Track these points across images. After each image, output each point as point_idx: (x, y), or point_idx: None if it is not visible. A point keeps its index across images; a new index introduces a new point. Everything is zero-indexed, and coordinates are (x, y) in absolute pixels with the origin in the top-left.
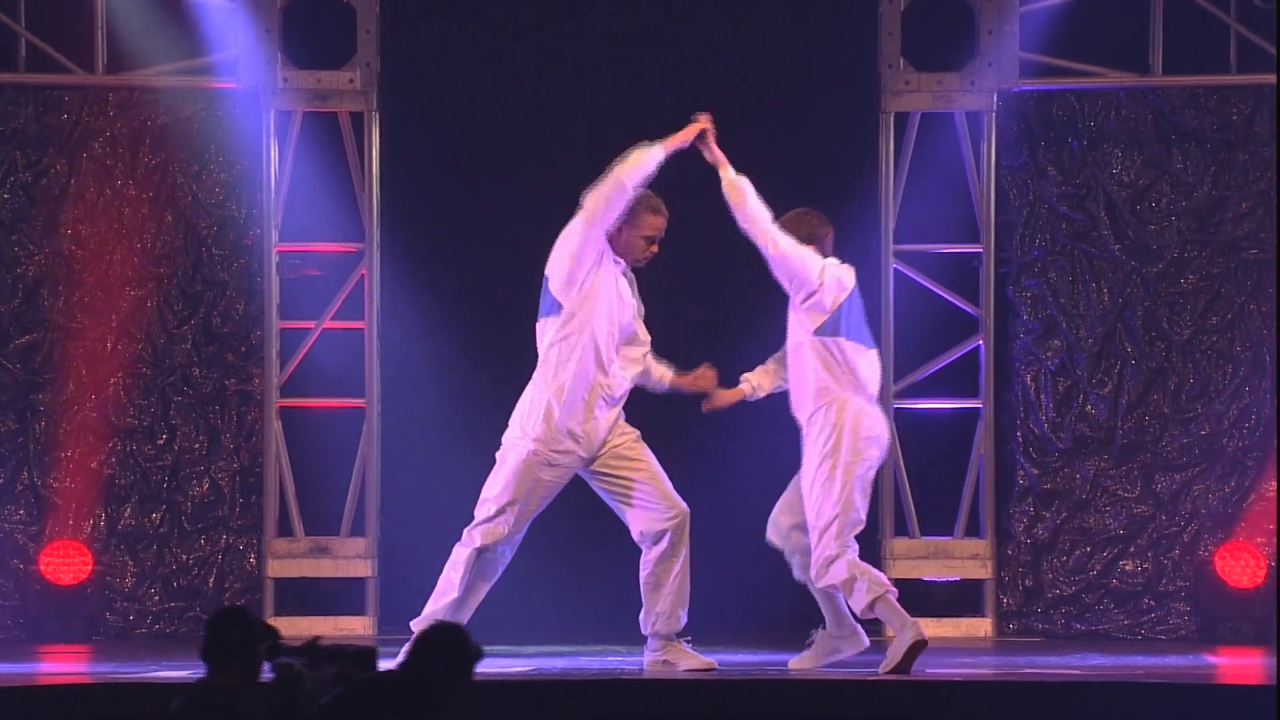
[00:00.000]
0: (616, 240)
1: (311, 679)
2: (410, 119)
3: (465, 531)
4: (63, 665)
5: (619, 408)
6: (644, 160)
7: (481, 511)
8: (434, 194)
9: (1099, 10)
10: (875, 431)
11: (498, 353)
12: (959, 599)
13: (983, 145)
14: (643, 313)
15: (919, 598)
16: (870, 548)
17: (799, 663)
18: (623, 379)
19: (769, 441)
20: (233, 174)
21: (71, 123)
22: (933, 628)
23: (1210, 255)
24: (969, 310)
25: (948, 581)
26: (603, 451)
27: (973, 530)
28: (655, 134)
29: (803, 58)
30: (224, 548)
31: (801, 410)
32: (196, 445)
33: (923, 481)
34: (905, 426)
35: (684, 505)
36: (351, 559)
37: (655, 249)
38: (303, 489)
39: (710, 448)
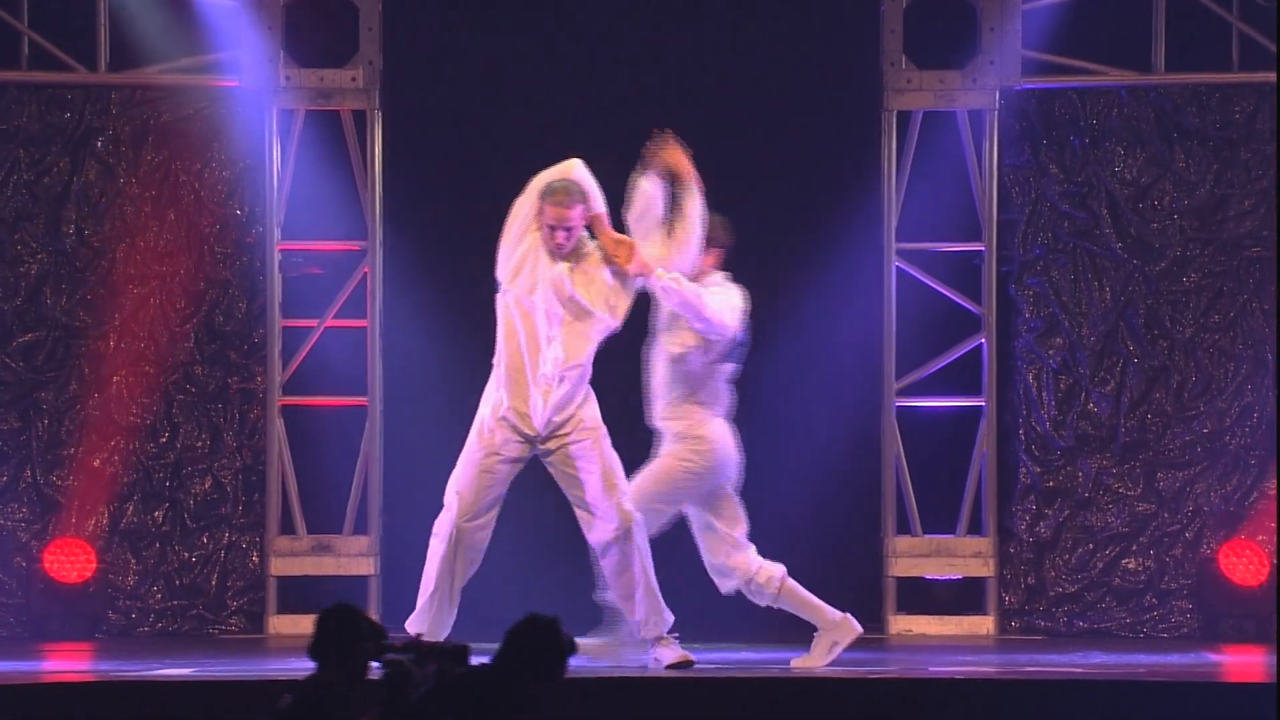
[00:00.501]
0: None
1: (419, 676)
2: (412, 117)
3: (435, 523)
4: (66, 663)
5: (565, 388)
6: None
7: (445, 499)
8: (436, 192)
9: (1101, 8)
10: None
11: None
12: (961, 597)
13: (985, 143)
14: (613, 287)
15: (921, 596)
16: (873, 545)
17: (802, 662)
18: (561, 357)
19: (768, 437)
20: (235, 172)
21: (74, 121)
22: (935, 626)
23: (1212, 253)
24: (971, 308)
25: (950, 580)
26: (551, 441)
27: (975, 528)
28: (662, 127)
29: (805, 56)
30: (226, 546)
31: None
32: (199, 443)
33: (925, 479)
34: (907, 425)
35: (629, 513)
36: (354, 557)
37: (561, 237)
38: (305, 487)
39: None
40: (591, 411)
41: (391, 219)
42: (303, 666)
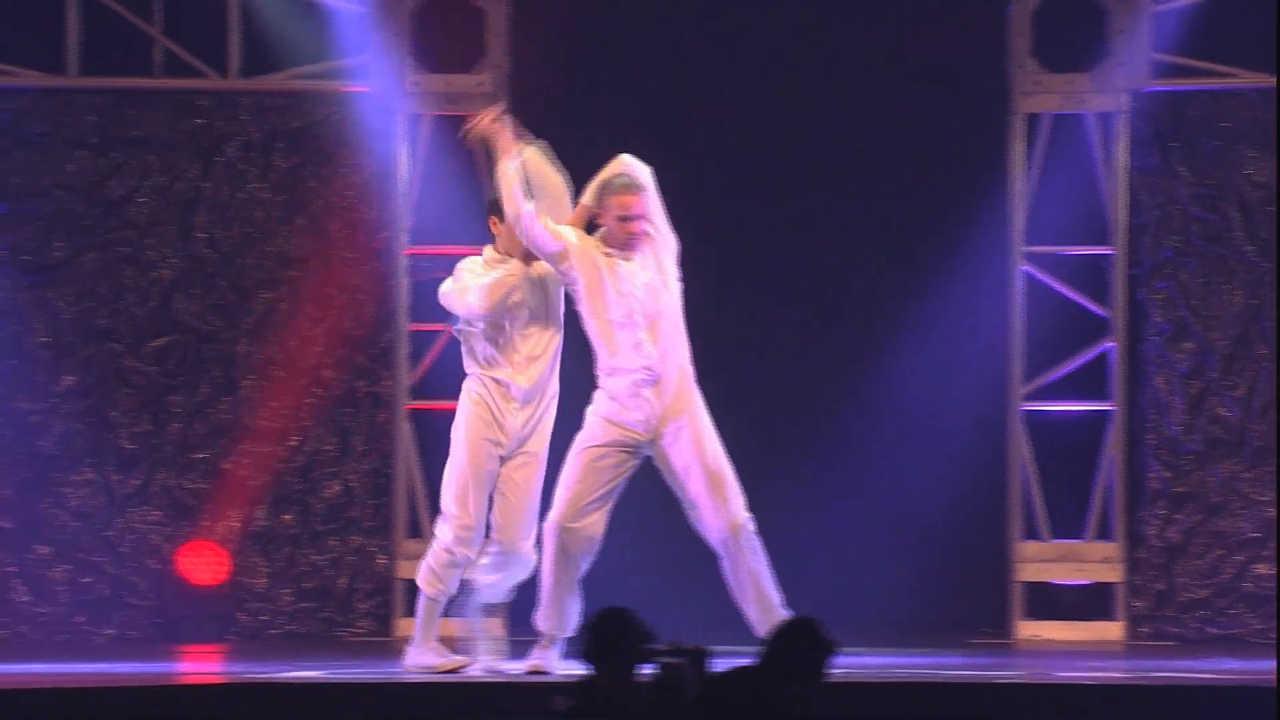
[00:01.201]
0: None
1: (691, 679)
2: (539, 121)
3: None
4: (198, 665)
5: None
6: (509, 183)
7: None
8: None
9: (1230, 11)
10: None
11: None
12: (1089, 602)
13: (1114, 146)
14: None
15: (1049, 601)
16: (1000, 550)
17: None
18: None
19: (896, 441)
20: (364, 177)
21: (205, 127)
22: (1063, 631)
23: None
24: (1099, 312)
25: (1078, 585)
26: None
27: (1103, 533)
28: (785, 137)
29: (932, 59)
30: (355, 549)
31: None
32: (328, 447)
33: (1053, 484)
34: (1035, 429)
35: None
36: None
37: (635, 226)
38: (432, 490)
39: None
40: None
41: None
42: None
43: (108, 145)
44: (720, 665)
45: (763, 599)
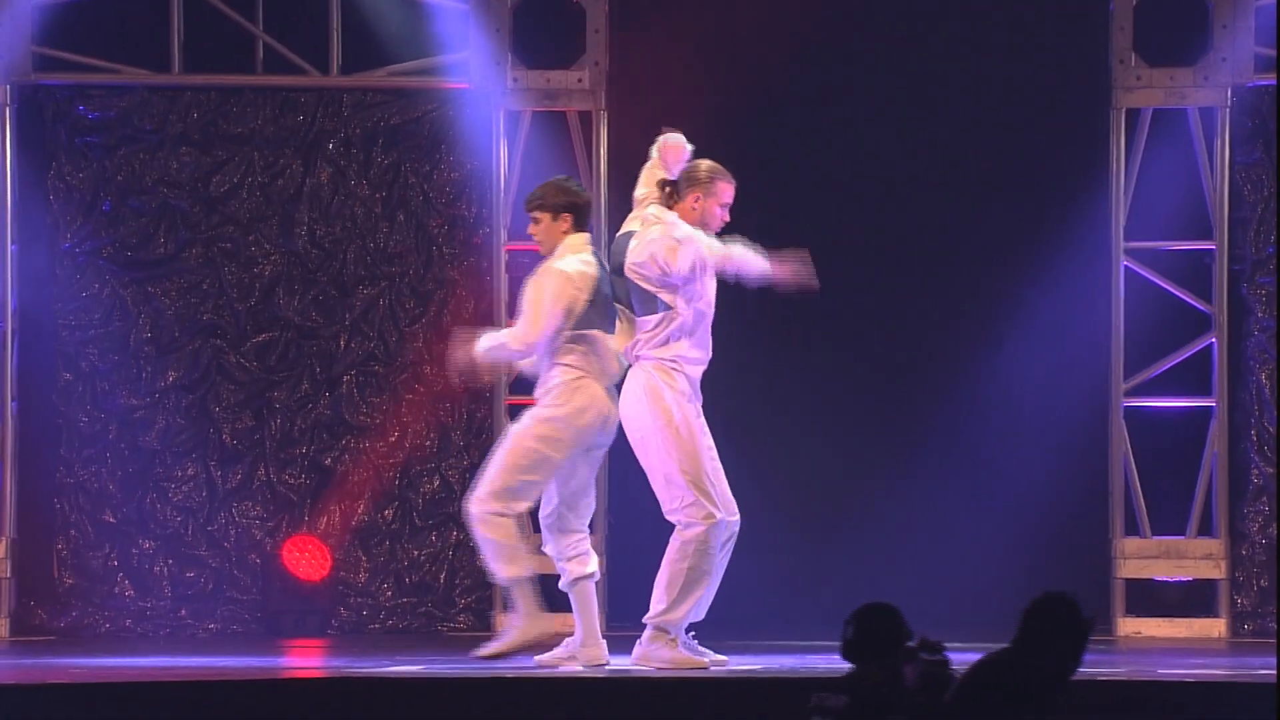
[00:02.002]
0: (691, 212)
1: (951, 677)
2: (638, 118)
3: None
4: (301, 660)
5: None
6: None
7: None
8: None
9: None
10: None
11: (721, 353)
12: (1191, 599)
13: (1216, 141)
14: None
15: (1150, 598)
16: (1101, 547)
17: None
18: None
19: (997, 436)
20: (463, 173)
21: (307, 124)
22: (1165, 628)
23: None
24: (1201, 308)
25: (1180, 581)
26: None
27: (1206, 530)
28: (887, 134)
29: (1033, 54)
30: (455, 544)
31: None
32: (427, 443)
33: (1154, 481)
34: (1136, 425)
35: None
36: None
37: (726, 214)
38: None
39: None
40: None
41: (616, 218)
42: (515, 664)
43: (211, 142)
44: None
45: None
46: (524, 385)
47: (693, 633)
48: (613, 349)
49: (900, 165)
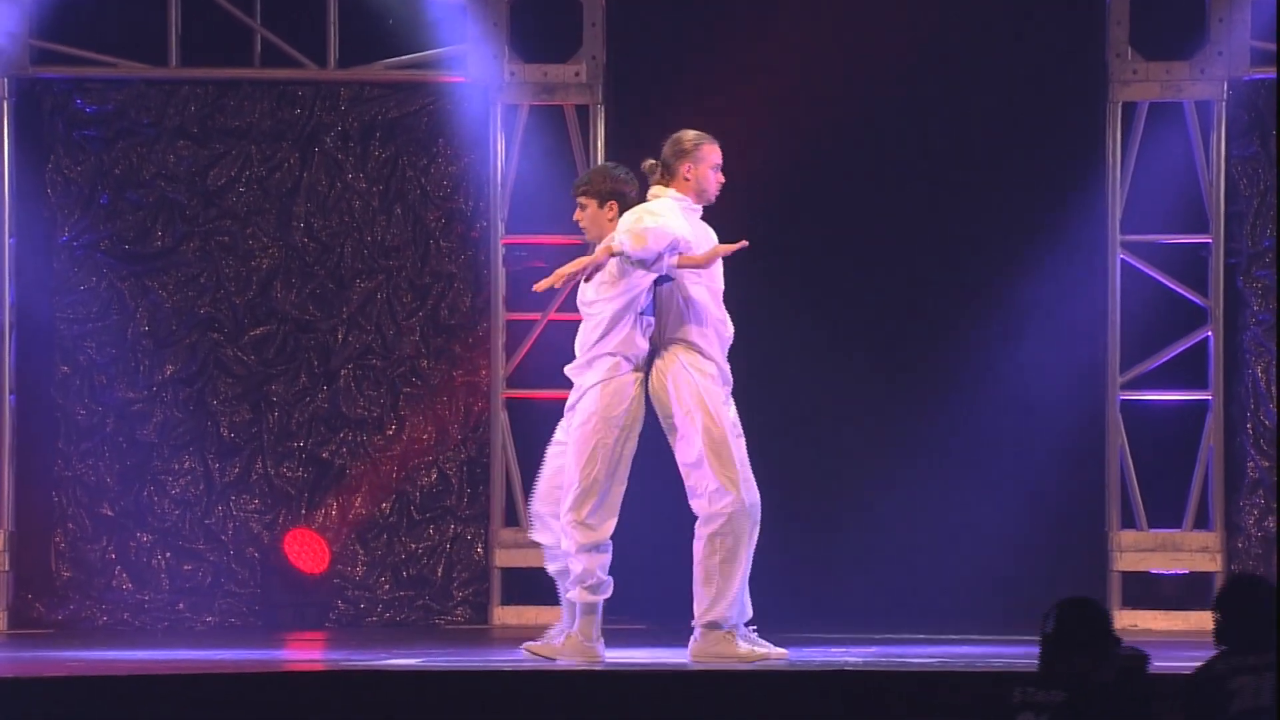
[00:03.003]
0: (686, 183)
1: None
2: (635, 112)
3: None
4: (298, 652)
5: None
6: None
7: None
8: None
9: None
10: None
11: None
12: (1187, 592)
13: (1212, 135)
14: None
15: (1147, 590)
16: (1097, 540)
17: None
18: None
19: (993, 430)
20: (460, 167)
21: (304, 117)
22: (1161, 621)
23: None
24: (1197, 301)
25: (1176, 574)
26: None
27: (1202, 523)
28: (883, 126)
29: (1029, 47)
30: (452, 537)
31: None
32: (425, 436)
33: (1150, 474)
34: (1133, 418)
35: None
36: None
37: (721, 175)
38: (528, 479)
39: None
40: None
41: None
42: (512, 657)
43: (208, 136)
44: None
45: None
46: (521, 380)
47: (753, 626)
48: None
49: (897, 159)
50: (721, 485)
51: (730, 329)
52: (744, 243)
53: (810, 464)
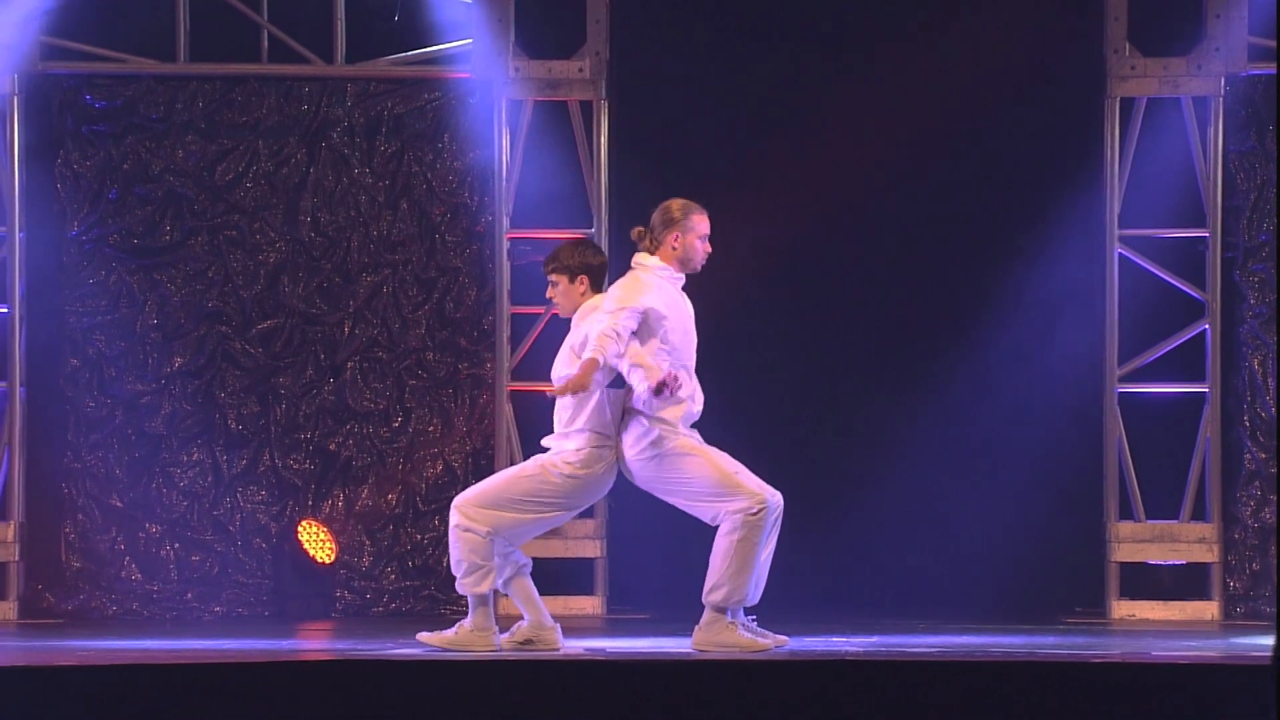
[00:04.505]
0: (672, 252)
1: None
2: (638, 107)
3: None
4: (305, 642)
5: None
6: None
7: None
8: (662, 181)
9: None
10: None
11: (722, 337)
12: (1184, 583)
13: (1209, 130)
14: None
15: (1144, 581)
16: (1095, 531)
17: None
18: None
19: (992, 423)
20: (465, 162)
21: (311, 113)
22: (1158, 611)
23: None
24: (1195, 295)
25: (1173, 565)
26: None
27: (1199, 514)
28: (881, 124)
29: (1029, 43)
30: None
31: None
32: (430, 428)
33: (1148, 465)
34: (1130, 411)
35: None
36: (580, 539)
37: (708, 245)
38: None
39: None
40: None
41: (617, 208)
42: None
43: (216, 131)
44: None
45: None
46: (525, 372)
47: (753, 616)
48: (616, 404)
49: (896, 154)
50: (734, 496)
51: (699, 403)
52: (667, 376)
53: (810, 456)
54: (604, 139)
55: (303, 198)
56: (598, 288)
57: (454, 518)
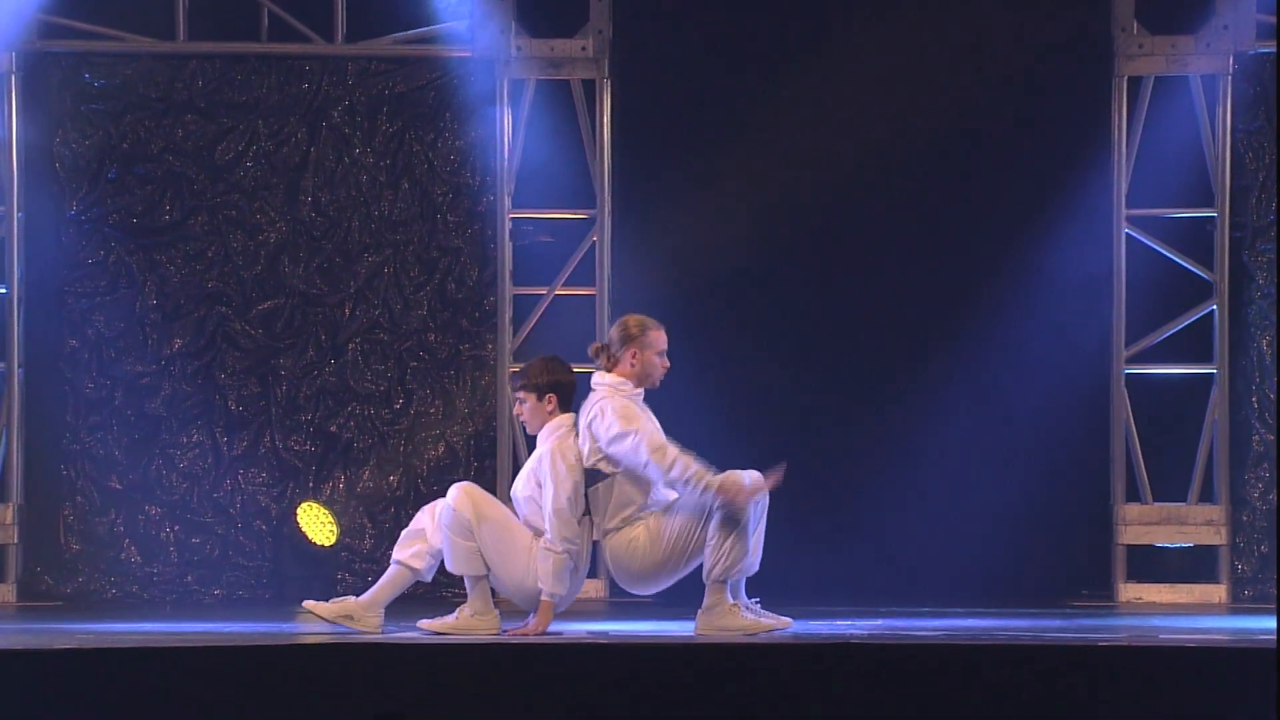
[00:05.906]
0: (631, 369)
1: None
2: (641, 86)
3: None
4: (305, 625)
5: None
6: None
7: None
8: (665, 161)
9: None
10: None
11: (727, 319)
12: (1193, 565)
13: (1218, 109)
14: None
15: (1152, 563)
16: (1102, 513)
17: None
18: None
19: (998, 404)
20: (467, 141)
21: (312, 92)
22: (1166, 594)
23: None
24: (1203, 275)
25: (1181, 547)
26: None
27: (1207, 496)
28: (888, 103)
29: (1036, 22)
30: None
31: None
32: (432, 409)
33: (1155, 447)
34: (1137, 392)
35: None
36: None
37: (666, 360)
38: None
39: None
40: None
41: (620, 188)
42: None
43: (216, 110)
44: None
45: None
46: (527, 354)
47: (756, 598)
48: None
49: (903, 134)
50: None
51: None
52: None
53: (815, 439)
54: (607, 118)
55: (303, 177)
56: (565, 406)
57: (446, 516)
